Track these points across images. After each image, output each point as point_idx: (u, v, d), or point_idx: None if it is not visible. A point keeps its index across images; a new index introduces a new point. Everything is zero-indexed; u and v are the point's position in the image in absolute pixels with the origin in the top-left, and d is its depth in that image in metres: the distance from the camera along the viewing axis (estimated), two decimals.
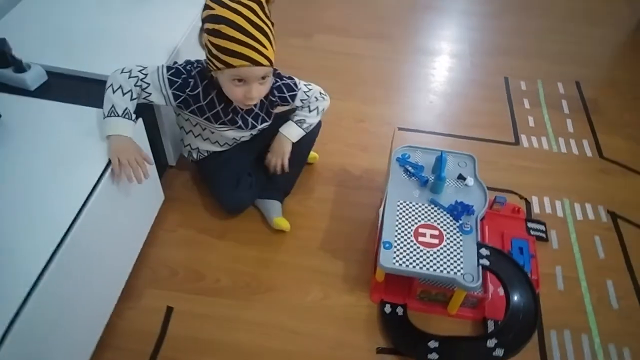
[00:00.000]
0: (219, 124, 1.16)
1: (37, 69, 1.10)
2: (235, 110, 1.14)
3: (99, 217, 0.94)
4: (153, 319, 1.11)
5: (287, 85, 1.19)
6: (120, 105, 1.00)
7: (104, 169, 0.96)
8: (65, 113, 1.04)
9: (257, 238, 1.28)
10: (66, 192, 0.90)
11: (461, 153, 1.25)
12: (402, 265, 1.03)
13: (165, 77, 1.06)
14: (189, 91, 1.07)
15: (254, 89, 1.02)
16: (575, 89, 1.77)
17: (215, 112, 1.13)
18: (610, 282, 1.22)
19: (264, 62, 0.98)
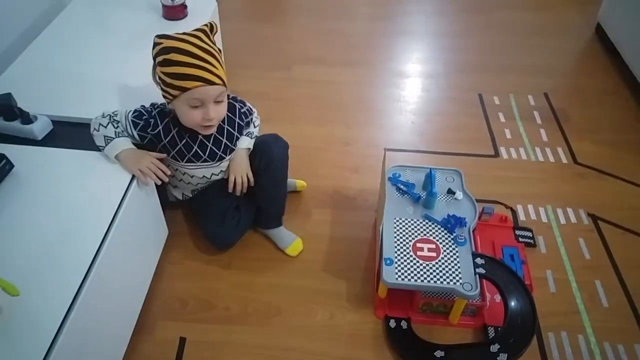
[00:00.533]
0: (185, 161, 1.21)
1: (44, 120, 1.15)
2: (199, 143, 1.18)
3: (113, 256, 0.98)
4: (167, 350, 1.14)
5: (248, 110, 1.27)
6: (109, 133, 1.10)
7: (115, 210, 1.01)
8: (73, 159, 1.09)
9: (262, 265, 1.32)
10: (83, 234, 0.94)
11: (448, 169, 1.33)
12: (404, 280, 1.09)
13: (129, 119, 1.14)
14: (150, 131, 1.15)
15: (211, 110, 1.08)
16: (545, 100, 1.89)
17: (179, 149, 1.18)
18: (599, 281, 1.29)
19: (217, 81, 1.05)
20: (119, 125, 1.13)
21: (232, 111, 1.21)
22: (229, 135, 1.21)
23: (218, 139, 1.20)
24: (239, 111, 1.23)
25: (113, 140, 1.09)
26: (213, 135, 1.19)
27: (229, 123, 1.21)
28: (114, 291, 1.01)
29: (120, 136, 1.11)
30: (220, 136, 1.20)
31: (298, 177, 1.54)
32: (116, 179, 1.06)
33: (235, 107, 1.22)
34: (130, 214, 1.06)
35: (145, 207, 1.17)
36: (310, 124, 1.77)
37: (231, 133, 1.22)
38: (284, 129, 1.73)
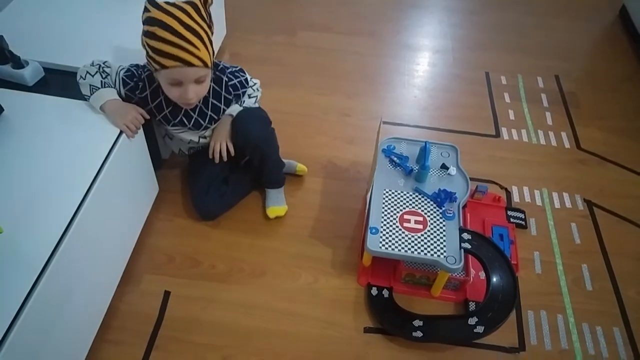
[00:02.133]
0: (171, 125, 1.21)
1: (35, 65, 1.14)
2: (185, 113, 1.18)
3: (99, 206, 0.99)
4: (152, 302, 1.16)
5: (241, 82, 1.22)
6: (95, 83, 1.08)
7: (103, 160, 1.01)
8: (63, 107, 1.09)
9: (250, 227, 1.33)
10: (69, 182, 0.95)
11: (444, 144, 1.31)
12: (388, 249, 1.09)
13: (120, 76, 1.13)
14: (138, 94, 1.14)
15: (189, 90, 1.06)
16: (555, 82, 1.85)
17: (164, 115, 1.18)
18: (585, 266, 1.29)
19: (196, 63, 1.02)
20: (108, 76, 1.12)
21: (219, 84, 1.19)
22: (214, 108, 1.20)
23: (203, 110, 1.19)
24: (226, 84, 1.19)
25: (98, 90, 1.08)
26: (198, 107, 1.18)
27: (214, 96, 1.19)
28: (99, 239, 1.02)
29: (107, 86, 1.10)
30: (205, 108, 1.19)
31: (293, 145, 1.53)
32: (105, 130, 1.06)
33: (221, 79, 1.19)
34: (118, 166, 1.06)
35: (134, 161, 1.18)
36: (311, 91, 1.75)
37: (216, 106, 1.20)
38: (283, 95, 1.73)
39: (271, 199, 1.36)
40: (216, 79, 1.18)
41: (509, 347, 1.12)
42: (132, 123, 1.09)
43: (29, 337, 0.81)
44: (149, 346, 1.09)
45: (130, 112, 1.10)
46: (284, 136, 1.58)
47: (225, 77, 1.19)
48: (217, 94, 1.19)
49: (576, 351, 1.13)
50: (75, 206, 0.92)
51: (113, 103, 1.09)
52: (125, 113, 1.09)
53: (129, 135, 1.08)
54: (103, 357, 1.06)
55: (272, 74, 1.78)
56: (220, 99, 1.20)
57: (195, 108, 1.18)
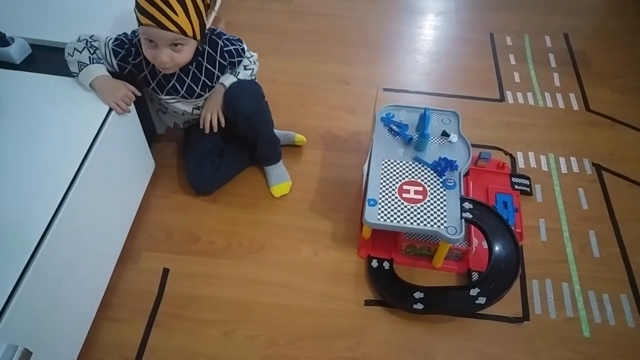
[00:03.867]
0: (165, 94, 1.17)
1: (21, 42, 1.11)
2: (178, 78, 1.14)
3: (91, 183, 0.98)
4: (151, 279, 1.16)
5: (237, 50, 1.18)
6: (83, 59, 1.05)
7: (93, 138, 0.99)
8: (52, 85, 1.06)
9: (250, 202, 1.31)
10: (61, 158, 0.94)
11: (445, 110, 1.26)
12: (386, 221, 1.06)
13: (110, 47, 1.09)
14: (131, 60, 1.11)
15: (163, 53, 1.02)
16: (564, 41, 1.76)
17: (158, 81, 1.14)
18: (593, 232, 1.25)
19: (171, 28, 0.98)
20: (96, 51, 1.08)
21: (214, 48, 1.14)
22: (207, 73, 1.16)
23: (197, 75, 1.15)
24: (222, 49, 1.15)
25: (87, 67, 1.05)
26: (192, 71, 1.14)
27: (209, 60, 1.15)
28: (93, 217, 1.01)
29: (95, 62, 1.06)
30: (198, 73, 1.15)
31: (291, 115, 1.50)
32: (95, 108, 1.03)
33: (217, 44, 1.14)
34: (110, 143, 1.04)
35: (128, 137, 1.15)
36: (309, 60, 1.69)
37: (210, 71, 1.16)
38: (280, 65, 1.68)
39: (272, 176, 1.33)
40: (211, 43, 1.14)
41: (512, 317, 1.10)
42: (122, 100, 1.06)
43: (27, 315, 0.80)
44: (149, 323, 1.09)
45: (121, 89, 1.06)
46: (281, 107, 1.55)
47: (221, 41, 1.15)
48: (211, 58, 1.15)
49: (582, 319, 1.11)
50: (67, 184, 0.91)
51: (102, 79, 1.06)
52: (116, 90, 1.06)
53: (119, 112, 1.06)
54: (104, 335, 1.07)
55: (269, 43, 1.73)
56: (214, 64, 1.15)
57: (188, 72, 1.14)
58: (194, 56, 1.10)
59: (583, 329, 1.09)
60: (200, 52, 1.12)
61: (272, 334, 1.08)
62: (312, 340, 1.07)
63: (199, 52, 1.12)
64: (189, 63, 1.12)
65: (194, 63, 1.13)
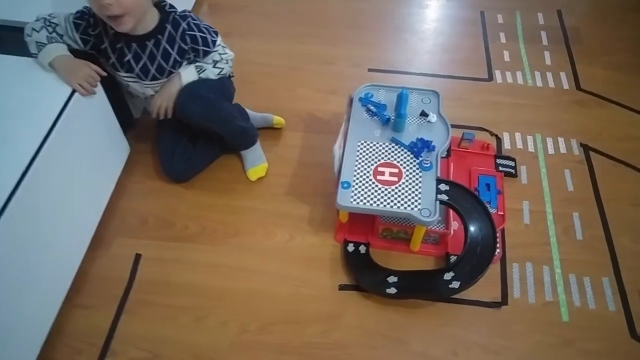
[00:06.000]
0: (125, 71, 1.13)
1: None
2: (135, 53, 1.09)
3: (52, 167, 0.95)
4: (123, 266, 1.14)
5: (204, 39, 1.12)
6: (41, 39, 1.03)
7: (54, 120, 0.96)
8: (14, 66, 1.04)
9: (226, 186, 1.28)
10: (18, 142, 0.92)
11: (425, 89, 1.22)
12: (359, 204, 1.03)
13: (70, 21, 1.06)
14: (91, 31, 1.07)
15: None
16: (557, 18, 1.69)
17: (118, 54, 1.10)
18: (577, 214, 1.21)
19: None
20: (56, 29, 1.05)
21: (175, 28, 1.09)
22: (165, 53, 1.11)
23: (153, 53, 1.10)
24: (184, 31, 1.09)
25: (45, 47, 1.02)
26: (149, 47, 1.09)
27: (168, 40, 1.09)
28: (57, 202, 0.99)
29: (54, 42, 1.03)
30: (155, 50, 1.10)
31: (272, 98, 1.46)
32: (56, 89, 1.01)
33: (179, 25, 1.09)
34: (74, 126, 1.01)
35: (95, 120, 1.12)
36: (293, 40, 1.65)
37: (168, 52, 1.11)
38: (263, 46, 1.63)
39: (247, 159, 1.29)
40: (174, 22, 1.09)
41: (490, 301, 1.07)
42: (85, 80, 1.02)
43: None
44: (119, 309, 1.07)
45: (83, 69, 1.03)
46: (262, 90, 1.51)
47: (185, 23, 1.10)
48: (171, 38, 1.10)
49: (561, 303, 1.07)
50: (22, 167, 0.88)
51: (62, 59, 1.03)
52: (77, 70, 1.03)
53: (82, 93, 1.03)
54: (72, 321, 1.05)
55: (252, 23, 1.68)
56: (173, 46, 1.10)
57: (145, 48, 1.09)
58: (153, 31, 1.07)
59: (562, 313, 1.06)
60: (160, 28, 1.08)
61: (243, 320, 1.06)
62: (284, 325, 1.05)
63: (160, 27, 1.08)
64: (146, 37, 1.08)
65: (152, 39, 1.09)
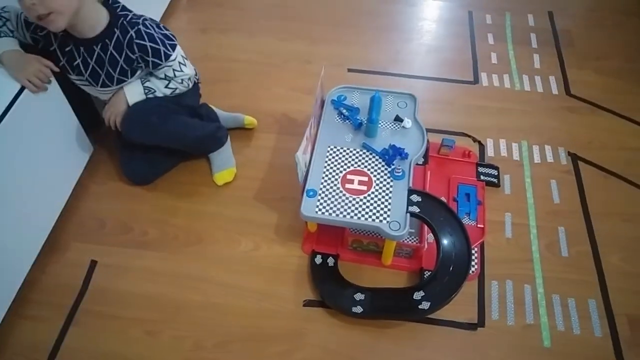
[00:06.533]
0: (75, 74, 1.07)
1: None
2: (83, 58, 1.03)
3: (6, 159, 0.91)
4: (76, 273, 1.07)
5: (156, 50, 1.04)
6: None
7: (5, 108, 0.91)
8: None
9: (191, 189, 1.21)
10: None
11: (401, 92, 1.14)
12: (325, 214, 0.96)
13: (21, 18, 1.00)
14: (40, 32, 1.01)
15: None
16: (548, 20, 1.62)
17: (67, 57, 1.04)
18: (562, 229, 1.14)
19: None
20: (6, 24, 0.99)
21: (123, 34, 1.01)
22: (112, 60, 1.03)
23: (101, 58, 1.03)
24: (131, 39, 1.01)
25: None
26: (97, 52, 1.02)
27: (116, 47, 1.02)
28: (5, 207, 0.93)
29: (4, 36, 0.97)
30: (103, 55, 1.03)
31: (246, 97, 1.40)
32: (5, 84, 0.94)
33: (127, 31, 1.01)
34: (22, 124, 0.95)
35: (49, 118, 1.05)
36: (272, 37, 1.58)
37: (115, 59, 1.03)
38: (240, 42, 1.56)
39: (214, 162, 1.23)
40: (122, 28, 1.02)
41: (465, 322, 0.99)
42: (34, 76, 0.96)
43: None
44: (67, 321, 1.00)
45: (32, 64, 0.97)
46: (236, 88, 1.45)
47: (133, 31, 1.01)
48: (118, 45, 1.02)
49: (542, 326, 1.00)
50: None
51: (11, 54, 0.96)
52: (26, 65, 0.96)
53: (32, 90, 0.96)
54: (15, 333, 0.98)
55: (231, 19, 1.61)
56: (121, 54, 1.03)
57: (93, 53, 1.03)
58: (100, 35, 1.01)
59: (544, 337, 0.98)
60: (108, 32, 1.01)
61: (199, 336, 0.98)
62: (242, 343, 0.98)
63: (108, 32, 1.01)
64: (94, 42, 1.01)
65: (99, 44, 1.02)
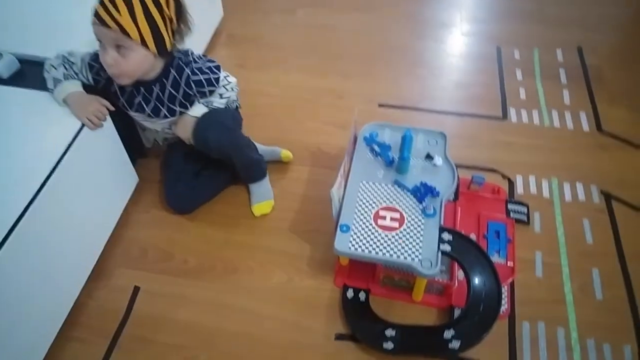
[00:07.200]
0: (134, 111, 1.15)
1: (10, 58, 1.12)
2: (143, 96, 1.12)
3: (61, 196, 0.97)
4: (120, 298, 1.13)
5: (208, 80, 1.13)
6: (58, 75, 1.06)
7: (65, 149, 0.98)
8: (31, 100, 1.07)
9: (228, 220, 1.27)
10: (26, 172, 0.94)
11: (432, 130, 1.18)
12: (357, 250, 0.99)
13: (86, 62, 1.09)
14: (103, 75, 1.09)
15: (107, 54, 0.99)
16: (577, 55, 1.63)
17: (127, 97, 1.13)
18: (596, 270, 1.13)
19: (111, 25, 0.95)
20: (72, 67, 1.08)
21: (180, 74, 1.10)
22: (171, 97, 1.12)
23: (160, 97, 1.12)
24: (188, 78, 1.10)
25: (61, 83, 1.05)
26: (156, 92, 1.11)
27: (173, 86, 1.11)
28: (62, 233, 1.00)
29: (69, 79, 1.06)
30: (161, 94, 1.12)
31: (281, 130, 1.45)
32: (67, 123, 1.03)
33: (183, 71, 1.10)
34: (82, 158, 1.04)
35: (104, 152, 1.14)
36: (305, 73, 1.64)
37: (174, 95, 1.12)
38: (275, 77, 1.64)
39: (254, 194, 1.28)
40: (179, 69, 1.10)
41: None
42: (93, 115, 1.05)
43: None
44: (111, 345, 1.05)
45: (92, 104, 1.06)
46: (271, 121, 1.51)
47: (188, 69, 1.11)
48: (176, 84, 1.11)
49: None
50: (28, 198, 0.90)
51: (75, 95, 1.05)
52: (87, 105, 1.05)
53: (90, 127, 1.05)
54: (65, 355, 1.04)
55: (267, 54, 1.69)
56: (178, 91, 1.12)
57: (152, 92, 1.11)
58: (158, 76, 1.09)
59: None
60: (165, 73, 1.10)
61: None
62: None
63: (165, 72, 1.09)
64: (153, 82, 1.10)
65: (157, 84, 1.10)
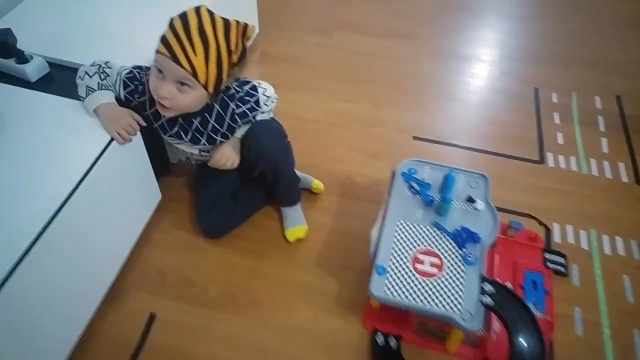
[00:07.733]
0: (168, 136, 1.12)
1: (39, 61, 1.10)
2: (181, 126, 1.08)
3: (80, 215, 0.93)
4: (135, 324, 1.07)
5: (251, 108, 1.09)
6: (92, 84, 1.02)
7: (92, 162, 0.94)
8: (59, 107, 1.03)
9: (253, 247, 1.22)
10: (51, 183, 0.90)
11: (473, 172, 1.14)
12: (394, 295, 0.94)
13: (121, 77, 1.05)
14: (137, 97, 1.06)
15: (166, 86, 0.95)
16: (615, 104, 1.60)
17: (161, 124, 1.09)
18: (638, 332, 1.08)
19: (184, 64, 0.91)
20: (107, 78, 1.04)
21: (225, 110, 1.07)
22: (214, 130, 1.09)
23: (200, 130, 1.09)
24: (233, 112, 1.07)
25: (94, 93, 1.01)
26: (195, 124, 1.07)
27: (217, 120, 1.07)
28: (80, 249, 0.95)
29: (104, 89, 1.02)
30: (202, 128, 1.08)
31: (310, 156, 1.41)
32: (96, 135, 0.99)
33: (228, 106, 1.07)
34: (108, 173, 0.99)
35: (131, 168, 1.10)
36: (336, 97, 1.61)
37: (216, 129, 1.09)
38: (305, 100, 1.60)
39: (289, 218, 1.24)
40: (223, 104, 1.07)
41: None
42: (124, 129, 1.01)
43: None
44: None
45: (124, 118, 1.01)
46: (301, 146, 1.46)
47: (233, 104, 1.07)
48: (220, 119, 1.07)
49: None
50: (52, 211, 0.86)
51: (107, 107, 1.01)
52: (118, 118, 1.01)
53: (119, 142, 1.00)
54: None
55: (299, 76, 1.66)
56: (222, 125, 1.08)
57: (192, 124, 1.08)
58: (200, 110, 1.05)
59: None
60: (208, 108, 1.06)
61: None
62: None
63: (208, 107, 1.05)
64: (193, 115, 1.05)
65: (198, 117, 1.06)
